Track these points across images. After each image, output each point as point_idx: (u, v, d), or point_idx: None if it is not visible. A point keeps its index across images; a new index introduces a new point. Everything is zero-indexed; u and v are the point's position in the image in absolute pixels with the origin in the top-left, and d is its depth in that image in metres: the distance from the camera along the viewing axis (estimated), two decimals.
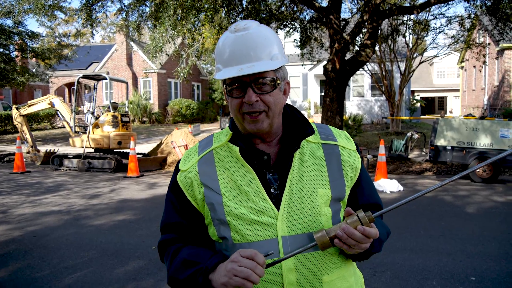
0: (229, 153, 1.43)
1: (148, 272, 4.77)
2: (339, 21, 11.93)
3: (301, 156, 1.43)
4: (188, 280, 1.34)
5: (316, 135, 1.48)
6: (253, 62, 1.32)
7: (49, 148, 16.78)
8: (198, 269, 1.32)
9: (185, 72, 13.34)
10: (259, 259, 1.22)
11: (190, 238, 1.47)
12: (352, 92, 26.31)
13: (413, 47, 19.61)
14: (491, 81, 26.73)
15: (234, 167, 1.41)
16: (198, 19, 12.02)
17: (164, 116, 30.52)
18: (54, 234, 6.30)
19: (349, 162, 1.46)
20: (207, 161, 1.44)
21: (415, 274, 4.60)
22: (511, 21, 13.70)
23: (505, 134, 9.98)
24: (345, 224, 1.26)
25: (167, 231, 1.51)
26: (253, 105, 1.34)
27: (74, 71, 31.48)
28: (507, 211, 7.30)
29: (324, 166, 1.43)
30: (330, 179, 1.41)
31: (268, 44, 1.35)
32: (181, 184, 1.45)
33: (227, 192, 1.38)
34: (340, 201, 1.44)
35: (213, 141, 1.49)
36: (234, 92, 1.36)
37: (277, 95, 1.38)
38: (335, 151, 1.46)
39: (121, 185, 10.49)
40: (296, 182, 1.39)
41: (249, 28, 1.35)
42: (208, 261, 1.32)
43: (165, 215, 1.52)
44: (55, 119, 28.34)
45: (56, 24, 21.83)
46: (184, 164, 1.47)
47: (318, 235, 1.28)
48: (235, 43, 1.34)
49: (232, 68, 1.33)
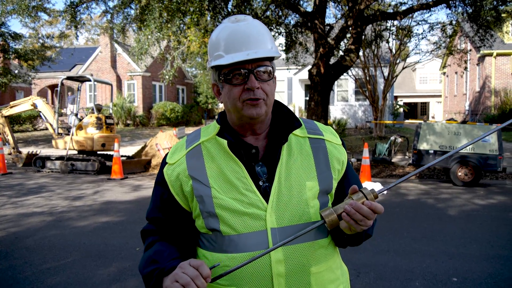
0: (217, 146, 1.44)
1: (132, 274, 4.74)
2: (324, 26, 12.04)
3: (289, 150, 1.45)
4: (146, 277, 1.37)
5: (303, 129, 1.50)
6: (258, 48, 1.35)
7: (31, 149, 16.56)
8: (155, 269, 1.34)
9: (170, 75, 13.30)
10: (203, 271, 1.23)
11: (168, 232, 1.49)
12: (336, 96, 26.51)
13: (396, 52, 19.87)
14: (472, 87, 27.20)
15: (223, 160, 1.41)
16: (183, 22, 12.00)
17: (148, 119, 30.33)
18: (37, 236, 6.22)
19: (336, 156, 1.49)
20: (195, 154, 1.45)
21: (398, 275, 4.66)
22: (491, 28, 14.00)
23: (486, 138, 10.15)
24: (352, 200, 1.28)
25: (149, 221, 1.55)
26: (255, 92, 1.36)
27: (57, 73, 31.11)
28: (488, 214, 7.43)
29: (311, 160, 1.45)
30: (318, 172, 1.44)
31: (266, 36, 1.40)
32: (167, 177, 1.46)
33: (216, 185, 1.39)
34: (328, 193, 1.46)
35: (201, 134, 1.50)
36: (234, 80, 1.37)
37: (273, 86, 1.43)
38: (321, 145, 1.49)
39: (104, 187, 10.40)
40: (285, 175, 1.40)
41: (248, 19, 1.39)
42: (166, 263, 1.33)
43: (149, 206, 1.56)
44: (37, 121, 27.94)
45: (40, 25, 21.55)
46: (171, 158, 1.47)
47: (326, 213, 1.29)
48: (239, 31, 1.37)
49: (237, 54, 1.34)
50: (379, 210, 1.27)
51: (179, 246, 1.48)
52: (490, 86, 24.06)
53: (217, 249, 1.39)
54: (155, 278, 1.33)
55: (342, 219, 1.28)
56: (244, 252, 1.34)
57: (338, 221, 1.29)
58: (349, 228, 1.31)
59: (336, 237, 1.50)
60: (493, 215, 7.35)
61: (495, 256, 5.27)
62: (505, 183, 10.72)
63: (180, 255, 1.40)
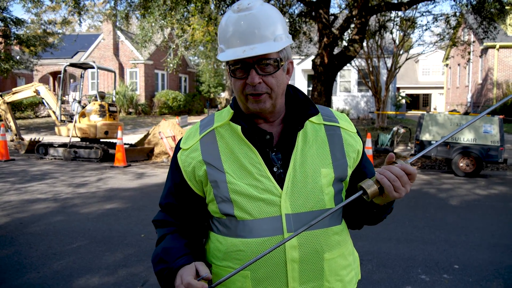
0: (231, 132, 1.43)
1: (138, 259, 4.79)
2: (328, 15, 12.02)
3: (304, 136, 1.44)
4: (157, 274, 1.43)
5: (318, 116, 1.48)
6: (256, 43, 1.31)
7: (33, 136, 16.59)
8: (164, 268, 1.39)
9: (174, 63, 13.29)
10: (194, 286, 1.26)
11: (181, 217, 1.51)
12: (339, 87, 26.46)
13: (400, 43, 19.81)
14: (474, 79, 27.14)
15: (237, 146, 1.41)
16: (187, 10, 11.98)
17: (151, 107, 30.33)
18: (41, 222, 6.28)
19: (351, 144, 1.49)
20: (209, 140, 1.44)
21: (400, 262, 4.71)
22: (495, 20, 13.95)
23: (488, 129, 10.18)
24: (387, 166, 1.30)
25: (161, 209, 1.58)
26: (256, 86, 1.34)
27: (60, 60, 31.07)
28: (489, 204, 7.48)
29: (326, 147, 1.45)
30: (333, 159, 1.44)
31: (272, 23, 1.33)
32: (180, 162, 1.46)
33: (231, 170, 1.39)
34: (342, 181, 1.47)
35: (215, 120, 1.49)
36: (237, 73, 1.36)
37: (280, 76, 1.38)
38: (336, 132, 1.48)
39: (108, 174, 10.45)
40: (300, 162, 1.41)
41: (252, 8, 1.32)
42: (173, 263, 1.37)
43: (163, 192, 1.57)
44: (38, 108, 27.95)
45: (42, 11, 21.44)
46: (185, 143, 1.47)
47: (368, 183, 1.29)
48: (238, 23, 1.32)
49: (235, 50, 1.32)
50: (414, 173, 1.29)
51: (190, 235, 1.50)
52: (493, 78, 24.01)
53: (231, 234, 1.40)
54: (166, 278, 1.38)
55: (383, 186, 1.28)
56: (259, 237, 1.36)
57: (379, 192, 1.29)
58: (382, 199, 1.34)
59: (355, 217, 1.52)
60: (494, 205, 7.40)
61: (496, 244, 5.32)
62: (506, 174, 10.76)
63: (189, 250, 1.42)
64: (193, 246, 1.47)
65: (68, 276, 4.34)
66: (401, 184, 1.27)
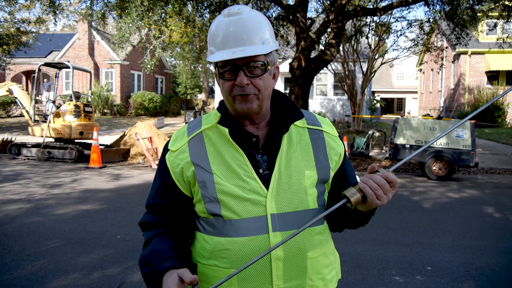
0: (219, 134, 1.47)
1: (114, 261, 4.77)
2: (306, 19, 12.13)
3: (289, 139, 1.49)
4: (144, 276, 1.45)
5: (303, 120, 1.54)
6: (246, 46, 1.36)
7: (5, 136, 16.22)
8: (151, 271, 1.41)
9: (152, 64, 13.21)
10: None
11: (169, 217, 1.54)
12: (315, 90, 26.69)
13: (375, 48, 20.12)
14: (447, 84, 27.75)
15: (224, 148, 1.45)
16: (165, 11, 11.93)
17: (126, 108, 30.01)
18: (15, 223, 6.17)
19: (333, 147, 1.55)
20: (197, 142, 1.48)
21: (375, 263, 4.81)
22: (467, 27, 14.32)
23: (460, 134, 10.45)
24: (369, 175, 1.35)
25: (149, 211, 1.59)
26: (244, 88, 1.38)
27: (33, 59, 30.43)
28: (461, 207, 7.68)
29: (310, 150, 1.51)
30: (316, 162, 1.50)
31: (260, 29, 1.39)
32: (169, 163, 1.50)
33: (218, 171, 1.43)
34: (325, 183, 1.53)
35: (202, 122, 1.53)
36: (226, 75, 1.40)
37: (267, 79, 1.43)
38: (320, 136, 1.54)
39: (83, 175, 10.31)
40: (285, 164, 1.46)
41: (242, 13, 1.38)
42: (160, 265, 1.40)
43: (150, 193, 1.60)
44: (11, 108, 27.34)
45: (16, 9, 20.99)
46: (173, 145, 1.51)
47: (351, 192, 1.35)
48: (228, 27, 1.37)
49: (225, 51, 1.37)
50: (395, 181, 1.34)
51: (177, 236, 1.53)
52: (465, 83, 24.59)
53: (218, 233, 1.44)
54: (152, 280, 1.41)
55: (366, 194, 1.33)
56: (245, 236, 1.40)
57: (361, 200, 1.35)
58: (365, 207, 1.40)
59: (337, 222, 1.59)
60: (466, 208, 7.60)
61: (467, 246, 5.48)
62: (477, 178, 11.04)
63: (176, 252, 1.45)
64: (180, 248, 1.50)
65: (43, 278, 4.29)
66: (383, 192, 1.34)
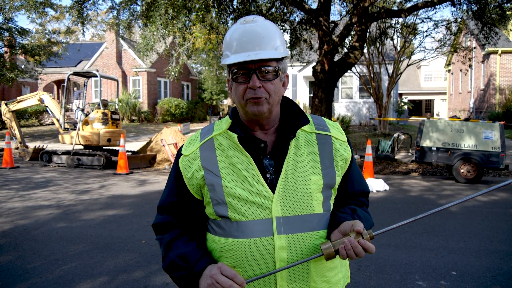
0: (228, 140, 1.54)
1: (138, 265, 4.86)
2: (329, 23, 12.10)
3: (297, 145, 1.54)
4: (178, 279, 1.53)
5: (311, 125, 1.60)
6: (261, 49, 1.45)
7: (37, 144, 16.73)
8: (187, 274, 1.49)
9: (176, 71, 13.40)
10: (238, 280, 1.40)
11: (183, 217, 1.61)
12: (340, 93, 26.54)
13: (401, 50, 19.88)
14: (477, 84, 27.16)
15: (233, 153, 1.52)
16: (189, 18, 12.10)
17: (153, 115, 30.49)
18: (44, 228, 6.36)
19: (341, 153, 1.59)
20: (208, 147, 1.56)
21: (398, 268, 4.76)
22: (496, 26, 14.00)
23: (489, 135, 10.22)
24: (350, 238, 1.42)
25: (163, 212, 1.66)
26: (256, 91, 1.45)
27: (64, 68, 31.34)
28: (488, 210, 7.51)
29: (317, 155, 1.55)
30: (322, 167, 1.54)
31: (273, 37, 1.48)
32: (181, 167, 1.58)
33: (226, 175, 1.50)
34: (331, 188, 1.57)
35: (214, 129, 1.61)
36: (239, 78, 1.48)
37: (278, 85, 1.51)
38: (328, 141, 1.58)
39: (110, 181, 10.53)
40: (291, 169, 1.51)
41: (256, 21, 1.49)
42: (196, 267, 1.47)
43: (163, 195, 1.67)
44: (43, 116, 28.17)
45: (46, 21, 21.68)
46: (186, 149, 1.59)
47: (325, 247, 1.43)
48: (244, 33, 1.46)
49: (240, 55, 1.45)
50: (370, 250, 1.43)
51: (194, 235, 1.61)
52: (495, 83, 24.03)
53: (225, 234, 1.50)
54: (188, 282, 1.50)
55: (339, 252, 1.42)
56: (250, 238, 1.46)
57: (335, 254, 1.43)
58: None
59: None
60: (494, 211, 7.43)
61: (494, 251, 5.36)
62: (507, 180, 10.76)
63: (203, 250, 1.54)
64: (203, 245, 1.58)
65: (70, 282, 4.41)
66: (354, 255, 1.42)
